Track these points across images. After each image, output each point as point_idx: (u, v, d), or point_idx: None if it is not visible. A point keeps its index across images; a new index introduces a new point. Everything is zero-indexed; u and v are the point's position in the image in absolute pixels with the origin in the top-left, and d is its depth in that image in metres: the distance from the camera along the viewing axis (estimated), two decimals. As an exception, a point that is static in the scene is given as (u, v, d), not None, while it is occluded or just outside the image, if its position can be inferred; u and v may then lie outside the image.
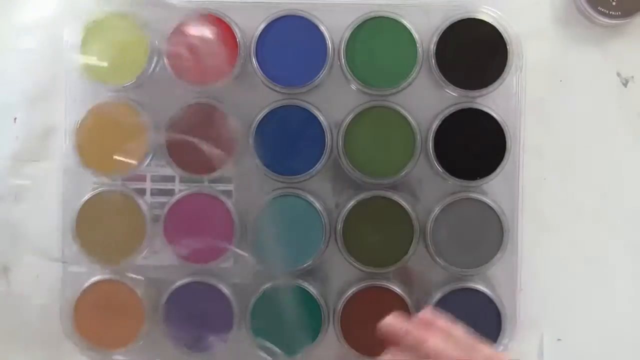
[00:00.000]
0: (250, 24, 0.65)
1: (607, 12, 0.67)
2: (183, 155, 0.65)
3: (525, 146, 0.66)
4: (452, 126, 0.64)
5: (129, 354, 0.66)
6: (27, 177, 0.70)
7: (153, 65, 0.65)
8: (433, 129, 0.64)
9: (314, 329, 0.65)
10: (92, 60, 0.64)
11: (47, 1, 0.69)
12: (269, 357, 0.65)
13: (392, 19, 0.64)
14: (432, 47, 0.64)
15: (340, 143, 0.64)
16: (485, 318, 0.65)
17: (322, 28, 0.64)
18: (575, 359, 0.69)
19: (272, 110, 0.64)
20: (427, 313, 0.52)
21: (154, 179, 0.67)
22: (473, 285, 0.65)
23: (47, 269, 0.68)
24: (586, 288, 0.69)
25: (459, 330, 0.51)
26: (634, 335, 0.69)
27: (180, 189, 0.67)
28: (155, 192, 0.67)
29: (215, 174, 0.65)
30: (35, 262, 0.70)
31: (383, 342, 0.51)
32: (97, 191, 0.65)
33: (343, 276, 0.67)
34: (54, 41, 0.69)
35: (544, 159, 0.69)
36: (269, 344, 0.65)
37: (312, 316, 0.65)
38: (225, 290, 0.65)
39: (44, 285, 0.69)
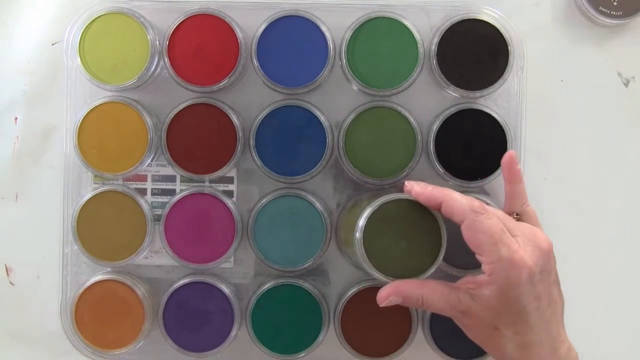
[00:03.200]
0: (251, 24, 0.65)
1: (608, 12, 0.67)
2: (184, 155, 0.65)
3: (525, 146, 0.66)
4: (453, 126, 0.64)
5: (129, 353, 0.66)
6: (27, 177, 0.70)
7: (153, 65, 0.64)
8: (434, 130, 0.64)
9: (314, 329, 0.65)
10: (92, 60, 0.64)
11: (47, 1, 0.69)
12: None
13: (393, 19, 0.64)
14: (433, 47, 0.64)
15: (341, 143, 0.64)
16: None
17: (324, 28, 0.64)
18: None
19: (273, 110, 0.64)
20: None
21: (154, 179, 0.67)
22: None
23: (47, 269, 0.68)
24: (586, 288, 0.69)
25: None
26: (633, 335, 0.70)
27: (181, 189, 0.67)
28: (156, 192, 0.67)
29: (216, 174, 0.65)
30: (35, 262, 0.70)
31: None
32: (97, 191, 0.65)
33: (343, 276, 0.67)
34: (54, 41, 0.69)
35: (544, 159, 0.69)
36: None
37: (312, 316, 0.65)
38: (226, 290, 0.65)
39: (44, 285, 0.69)
